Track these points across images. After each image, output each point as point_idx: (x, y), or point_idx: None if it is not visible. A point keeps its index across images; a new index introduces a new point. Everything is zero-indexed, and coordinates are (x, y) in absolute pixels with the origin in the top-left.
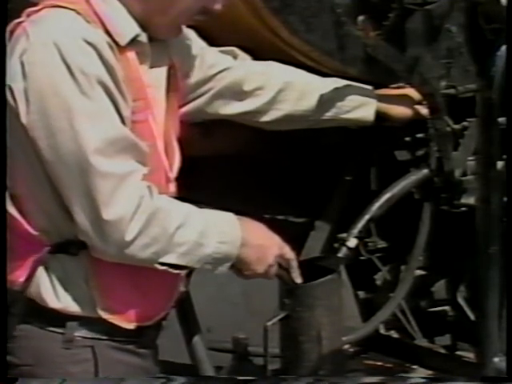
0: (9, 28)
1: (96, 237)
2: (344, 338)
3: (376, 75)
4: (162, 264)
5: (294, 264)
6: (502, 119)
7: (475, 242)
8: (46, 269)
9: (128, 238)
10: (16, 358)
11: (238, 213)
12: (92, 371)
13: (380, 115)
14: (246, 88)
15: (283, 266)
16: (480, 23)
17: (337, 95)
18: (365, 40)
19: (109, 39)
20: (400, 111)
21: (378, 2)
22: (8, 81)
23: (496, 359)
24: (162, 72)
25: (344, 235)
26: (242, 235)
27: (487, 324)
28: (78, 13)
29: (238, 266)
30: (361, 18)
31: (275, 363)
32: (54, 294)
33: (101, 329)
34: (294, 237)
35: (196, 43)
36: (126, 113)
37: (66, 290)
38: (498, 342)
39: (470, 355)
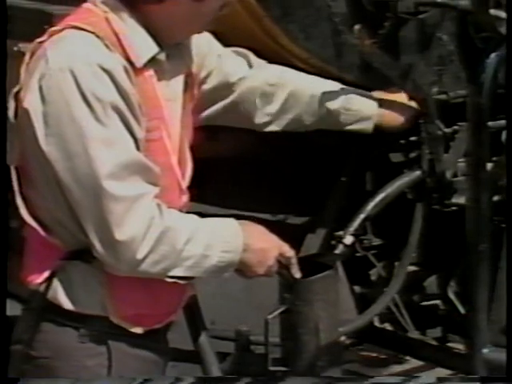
0: (31, 47)
1: (109, 255)
2: (340, 329)
3: (371, 81)
4: (171, 277)
5: (294, 261)
6: (491, 123)
7: (465, 240)
8: (63, 273)
9: (139, 256)
10: (34, 351)
11: (240, 212)
12: (106, 364)
13: (378, 126)
14: (259, 98)
15: (283, 263)
16: (470, 32)
17: (340, 109)
18: (361, 48)
19: (125, 62)
20: (397, 120)
21: (373, 11)
22: (27, 104)
23: (485, 350)
24: (179, 83)
25: (341, 233)
26: (244, 241)
27: (477, 317)
28: (97, 36)
29: (241, 269)
30: (357, 26)
31: (276, 354)
32: (69, 298)
33: (114, 325)
34: (294, 234)
35: (214, 50)
36: (140, 135)
37: (82, 294)
38: (486, 333)
39: (460, 347)
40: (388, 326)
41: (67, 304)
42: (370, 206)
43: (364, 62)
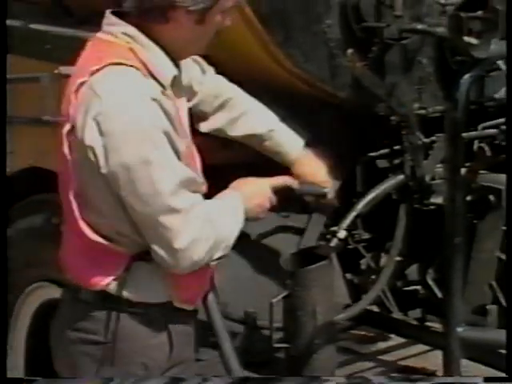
0: (73, 88)
1: (170, 261)
2: (336, 318)
3: (362, 98)
4: (214, 260)
5: (287, 181)
6: (465, 134)
7: (442, 234)
8: (130, 273)
9: (196, 258)
10: (101, 337)
11: None
12: (166, 341)
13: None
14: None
15: (281, 189)
16: (446, 56)
17: (264, 136)
18: (352, 69)
19: (160, 87)
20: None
21: (363, 37)
22: (88, 141)
23: (459, 329)
24: (185, 101)
25: (335, 228)
26: (245, 208)
27: (452, 300)
28: (136, 68)
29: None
30: (349, 51)
31: (279, 333)
32: (136, 292)
33: (168, 307)
34: (295, 229)
35: (201, 74)
36: (182, 148)
37: (148, 288)
38: (460, 314)
39: (437, 326)
40: (375, 308)
41: (134, 298)
42: (361, 205)
43: (355, 81)
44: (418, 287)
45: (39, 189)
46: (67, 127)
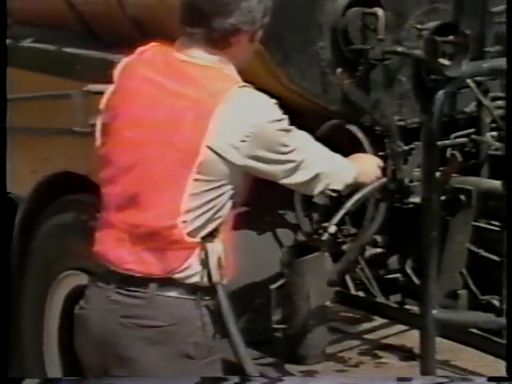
0: (200, 114)
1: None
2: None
3: (350, 111)
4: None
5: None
6: (439, 142)
7: (420, 229)
8: (195, 259)
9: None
10: (159, 322)
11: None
12: (210, 321)
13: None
14: None
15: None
16: (422, 75)
17: None
18: (342, 86)
19: None
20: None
21: (351, 58)
22: (252, 159)
23: (434, 311)
24: None
25: (326, 224)
26: (357, 172)
27: (428, 286)
28: (245, 85)
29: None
30: (339, 70)
31: (277, 315)
32: (201, 276)
33: (208, 292)
34: (294, 226)
35: None
36: None
37: (207, 272)
38: (435, 298)
39: (415, 308)
40: (361, 293)
41: (196, 280)
42: (349, 203)
43: (344, 96)
44: (399, 275)
45: (70, 190)
46: (203, 153)
